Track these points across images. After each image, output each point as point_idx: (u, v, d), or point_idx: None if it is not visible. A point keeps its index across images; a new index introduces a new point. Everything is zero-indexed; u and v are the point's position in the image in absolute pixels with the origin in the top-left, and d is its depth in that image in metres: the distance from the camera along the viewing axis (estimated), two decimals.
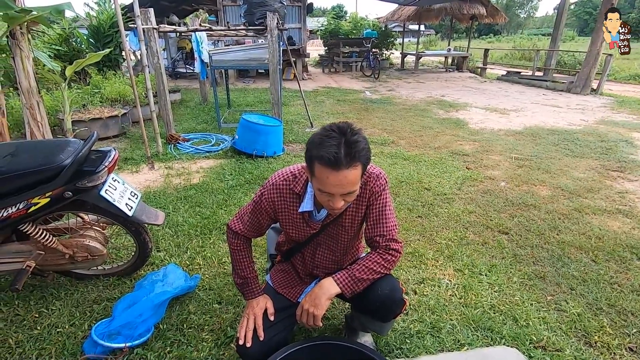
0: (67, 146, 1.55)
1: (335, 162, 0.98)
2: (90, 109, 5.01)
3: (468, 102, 7.61)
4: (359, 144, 1.01)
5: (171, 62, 11.28)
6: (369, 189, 1.22)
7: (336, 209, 1.10)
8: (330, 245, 1.36)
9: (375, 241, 1.24)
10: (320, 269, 1.42)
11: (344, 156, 0.99)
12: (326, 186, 1.04)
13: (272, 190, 1.25)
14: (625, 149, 4.45)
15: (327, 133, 1.03)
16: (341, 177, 1.01)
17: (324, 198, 1.09)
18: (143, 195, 3.06)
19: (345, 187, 1.04)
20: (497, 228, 2.61)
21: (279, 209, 1.27)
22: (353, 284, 1.20)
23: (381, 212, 1.24)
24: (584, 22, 48.95)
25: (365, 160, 1.05)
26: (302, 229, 1.30)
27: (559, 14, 10.55)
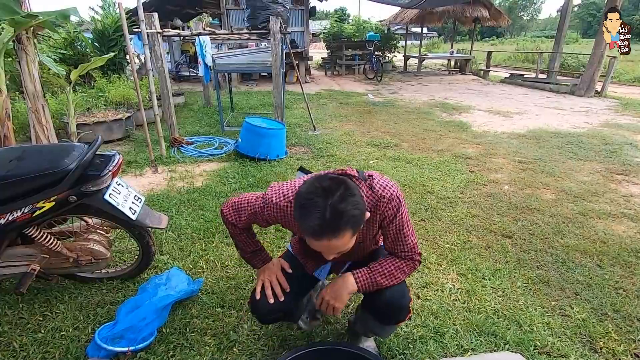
0: (72, 151, 1.56)
1: (319, 235, 0.94)
2: (94, 112, 5.05)
3: (471, 104, 7.60)
4: (346, 213, 0.92)
5: (175, 66, 11.35)
6: (379, 213, 1.15)
7: (329, 260, 1.08)
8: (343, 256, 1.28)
9: (396, 255, 1.23)
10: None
11: (327, 229, 0.92)
12: (315, 247, 1.01)
13: (275, 210, 1.19)
14: (630, 152, 4.42)
15: (310, 197, 0.94)
16: (328, 244, 0.96)
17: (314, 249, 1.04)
18: (147, 198, 3.07)
19: (334, 251, 1.01)
20: (501, 232, 2.60)
21: (283, 223, 1.25)
22: (371, 286, 1.21)
23: (399, 232, 1.18)
24: (587, 24, 48.79)
25: (355, 225, 0.96)
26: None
27: (562, 17, 10.52)
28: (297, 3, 10.31)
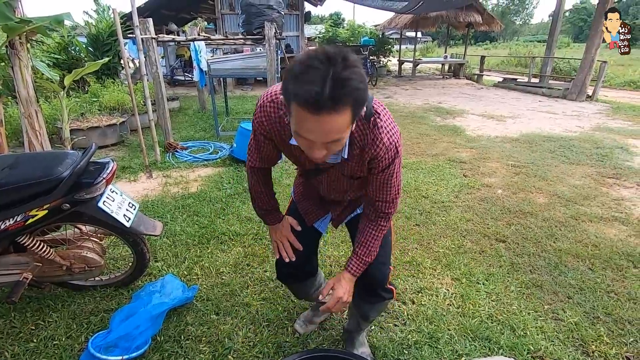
0: (66, 158, 1.56)
1: (315, 104, 0.74)
2: (88, 117, 5.02)
3: (465, 108, 7.67)
4: (350, 82, 0.75)
5: (170, 70, 11.33)
6: (371, 155, 1.03)
7: (315, 159, 0.90)
8: (333, 184, 1.25)
9: (374, 204, 1.19)
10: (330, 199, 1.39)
11: (328, 97, 0.73)
12: (304, 131, 0.82)
13: (261, 115, 1.08)
14: (621, 155, 4.48)
15: (310, 62, 0.75)
16: (322, 123, 0.78)
17: (303, 143, 0.88)
18: (141, 204, 3.06)
19: (328, 135, 0.82)
20: (495, 236, 2.62)
21: (272, 134, 1.11)
22: (363, 268, 1.26)
23: (385, 183, 1.12)
24: (578, 29, 49.53)
25: (356, 103, 0.79)
26: (301, 160, 1.18)
27: (553, 22, 10.67)
28: (292, 8, 10.36)
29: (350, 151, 1.03)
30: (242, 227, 2.70)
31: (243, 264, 2.26)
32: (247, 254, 2.36)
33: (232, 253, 2.37)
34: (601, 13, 8.12)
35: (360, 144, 1.01)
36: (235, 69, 4.77)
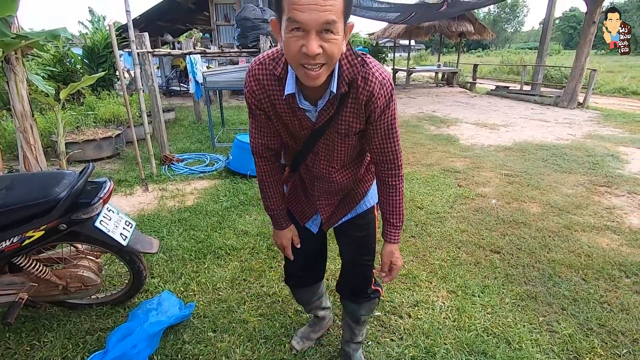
0: (63, 179, 1.57)
1: None
2: (83, 130, 5.02)
3: (459, 117, 7.76)
4: None
5: (165, 81, 11.37)
6: (368, 92, 0.99)
7: (310, 53, 0.83)
8: (327, 155, 1.16)
9: (382, 165, 1.18)
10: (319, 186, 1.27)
11: None
12: (297, 9, 0.79)
13: (250, 81, 1.05)
14: (612, 163, 4.55)
15: None
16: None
17: (296, 44, 0.84)
18: (137, 219, 3.06)
19: (322, 13, 0.79)
20: (489, 247, 2.65)
21: (264, 102, 1.08)
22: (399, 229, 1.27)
23: (390, 130, 1.09)
24: (568, 36, 50.46)
25: None
26: (294, 127, 1.11)
27: (544, 30, 10.87)
28: None
29: (338, 84, 0.97)
30: (239, 240, 2.71)
31: (240, 279, 2.27)
32: (244, 269, 2.36)
33: (229, 268, 2.38)
34: (589, 23, 8.31)
35: (348, 77, 0.98)
36: (231, 81, 4.80)
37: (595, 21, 8.26)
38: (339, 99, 1.01)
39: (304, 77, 0.90)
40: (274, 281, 2.24)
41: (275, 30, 0.92)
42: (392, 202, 1.22)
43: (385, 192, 1.22)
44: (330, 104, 1.02)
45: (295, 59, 0.87)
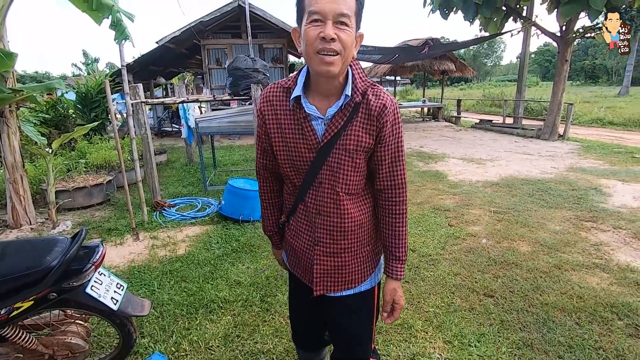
0: (55, 246, 1.56)
1: None
2: (74, 177, 5.02)
3: (446, 152, 7.97)
4: None
5: (157, 121, 11.53)
6: (381, 104, 1.05)
7: (327, 35, 0.93)
8: (332, 179, 1.09)
9: (389, 192, 1.15)
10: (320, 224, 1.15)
11: None
12: (317, 2, 0.92)
13: (261, 101, 1.15)
14: (595, 197, 4.68)
15: None
16: None
17: (314, 32, 0.94)
18: (127, 271, 3.01)
19: (339, 4, 0.92)
20: (483, 291, 2.65)
21: (269, 120, 1.12)
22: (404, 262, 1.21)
23: (398, 152, 1.11)
24: (545, 69, 53.18)
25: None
26: (297, 146, 1.09)
27: (520, 68, 11.49)
28: (277, 62, 10.90)
29: (353, 91, 1.03)
30: (232, 292, 2.67)
31: (233, 335, 2.22)
32: (237, 324, 2.32)
33: (222, 323, 2.33)
34: (562, 62, 8.84)
35: (361, 88, 1.05)
36: (223, 126, 4.92)
37: (568, 59, 8.80)
38: (353, 106, 1.04)
39: (319, 64, 0.96)
40: (268, 337, 2.19)
41: (295, 37, 1.05)
42: (398, 234, 1.17)
43: (390, 223, 1.17)
44: (342, 113, 1.04)
45: (312, 46, 0.95)
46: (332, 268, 1.19)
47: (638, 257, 3.14)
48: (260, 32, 10.58)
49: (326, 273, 1.19)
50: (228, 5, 9.40)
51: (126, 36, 3.50)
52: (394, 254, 1.19)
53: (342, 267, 1.19)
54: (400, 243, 1.18)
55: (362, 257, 1.22)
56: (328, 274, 1.20)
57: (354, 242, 1.18)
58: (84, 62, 38.65)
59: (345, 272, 1.20)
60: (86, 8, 3.55)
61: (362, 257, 1.22)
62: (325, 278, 1.20)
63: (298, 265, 1.28)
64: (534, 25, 9.76)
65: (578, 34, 8.68)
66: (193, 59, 12.73)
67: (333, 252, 1.17)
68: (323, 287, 1.21)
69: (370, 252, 1.24)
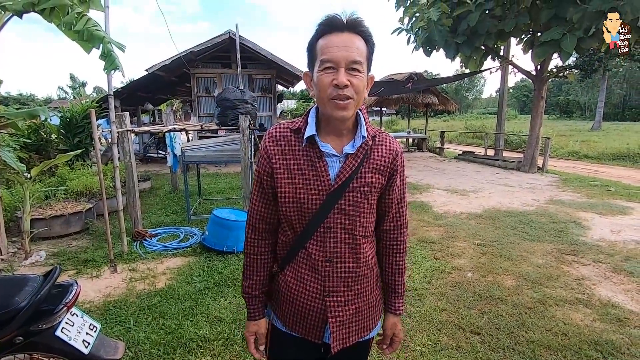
0: (25, 285, 1.49)
1: (336, 22, 0.96)
2: (52, 204, 4.85)
3: (430, 183, 8.11)
4: (363, 22, 0.99)
5: (143, 147, 11.43)
6: (393, 148, 1.10)
7: (340, 83, 0.94)
8: (346, 224, 1.05)
9: (395, 231, 1.17)
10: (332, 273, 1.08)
11: (345, 19, 0.96)
12: (329, 50, 0.95)
13: (266, 141, 1.09)
14: (575, 230, 4.80)
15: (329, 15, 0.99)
16: (345, 38, 0.96)
17: (327, 79, 0.96)
18: (102, 307, 2.87)
19: (350, 50, 0.95)
20: (469, 328, 2.62)
21: (276, 160, 1.06)
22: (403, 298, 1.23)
23: (403, 192, 1.16)
24: (522, 103, 55.82)
25: (368, 37, 0.99)
26: (308, 187, 1.04)
27: (499, 104, 12.03)
28: (265, 92, 11.11)
29: (366, 134, 1.06)
30: (212, 330, 2.56)
31: None
32: None
33: None
34: (538, 99, 9.30)
35: (371, 132, 1.08)
36: (210, 155, 4.90)
37: (543, 96, 9.27)
38: (367, 148, 1.06)
39: (333, 109, 0.98)
40: None
41: (307, 81, 1.07)
42: (400, 270, 1.21)
43: (394, 262, 1.19)
44: (357, 154, 1.05)
45: (325, 93, 0.97)
46: (347, 317, 1.11)
47: (618, 292, 3.19)
48: (250, 63, 10.83)
49: (342, 325, 1.11)
50: (219, 36, 9.64)
51: (116, 66, 3.52)
52: (396, 290, 1.22)
53: (356, 314, 1.13)
54: (402, 279, 1.22)
55: (373, 301, 1.18)
56: (344, 325, 1.11)
57: (366, 286, 1.14)
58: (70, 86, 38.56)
59: (359, 319, 1.14)
60: (76, 37, 3.57)
61: (373, 302, 1.18)
62: (341, 330, 1.11)
63: (301, 322, 1.13)
64: (510, 64, 10.32)
65: (552, 74, 9.21)
66: (182, 86, 12.85)
67: (347, 300, 1.11)
68: (340, 341, 1.11)
69: (378, 296, 1.23)
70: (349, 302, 1.11)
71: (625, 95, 40.25)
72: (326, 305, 1.09)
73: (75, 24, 3.16)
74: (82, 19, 3.19)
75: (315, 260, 1.08)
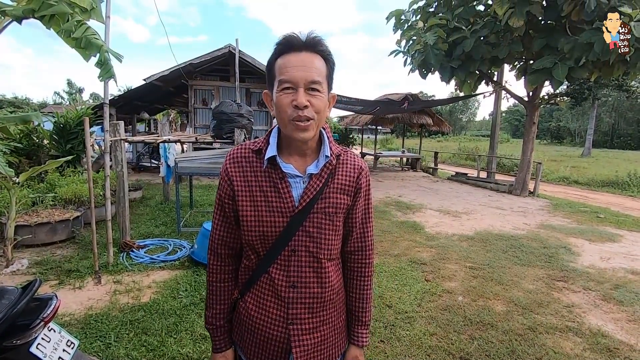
0: (1, 298, 1.42)
1: (293, 42, 0.94)
2: (39, 211, 4.75)
3: (423, 203, 8.13)
4: (322, 42, 0.96)
5: (136, 156, 11.35)
6: (359, 167, 1.09)
7: (299, 104, 0.92)
8: (310, 247, 1.02)
9: (359, 254, 1.15)
10: (296, 299, 1.04)
11: (304, 38, 0.94)
12: (288, 71, 0.92)
13: (226, 163, 1.05)
14: (565, 256, 4.81)
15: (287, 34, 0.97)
16: (303, 57, 0.93)
17: (286, 99, 0.93)
18: (82, 321, 2.77)
19: (309, 70, 0.93)
20: (459, 354, 2.58)
21: (237, 183, 1.02)
22: (369, 328, 1.19)
23: (368, 210, 1.13)
24: (515, 127, 56.91)
25: (328, 55, 0.97)
26: (271, 209, 1.00)
27: (493, 127, 12.23)
28: (262, 106, 11.19)
29: (330, 154, 1.03)
30: (196, 348, 2.48)
31: None
32: None
33: None
34: (530, 124, 9.48)
35: (336, 151, 1.06)
36: (203, 167, 4.87)
37: (535, 122, 9.45)
38: (331, 168, 1.03)
39: (294, 130, 0.96)
40: None
41: (267, 100, 1.05)
42: (365, 297, 1.15)
43: (359, 286, 1.15)
44: (320, 175, 1.02)
45: (285, 115, 0.95)
46: (312, 346, 1.06)
47: (608, 320, 3.18)
48: (248, 77, 10.94)
49: (307, 354, 1.06)
50: (219, 50, 9.76)
51: (111, 75, 3.51)
52: (360, 319, 1.16)
53: (322, 342, 1.09)
54: (367, 307, 1.16)
55: (339, 328, 1.14)
56: (308, 355, 1.06)
57: (332, 312, 1.11)
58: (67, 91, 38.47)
59: (325, 347, 1.10)
60: (75, 45, 3.58)
61: (339, 328, 1.14)
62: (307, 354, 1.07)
63: (262, 352, 1.08)
64: (504, 89, 10.56)
65: (543, 100, 9.43)
66: (179, 97, 12.90)
67: (312, 327, 1.06)
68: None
69: (345, 322, 1.18)
70: (314, 330, 1.07)
71: (614, 124, 41.30)
72: (290, 333, 1.04)
73: (74, 31, 3.17)
74: (81, 27, 3.20)
75: (279, 286, 1.03)
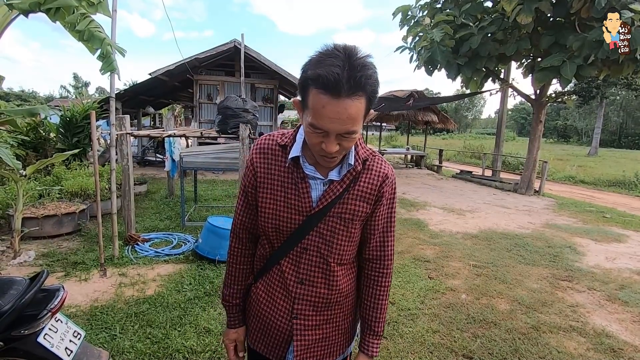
0: (10, 288, 1.45)
1: (335, 86, 0.78)
2: (45, 204, 4.80)
3: (427, 200, 8.11)
4: (367, 69, 0.81)
5: (141, 150, 11.40)
6: (384, 173, 1.03)
7: (329, 153, 0.88)
8: (325, 248, 1.03)
9: (377, 263, 1.10)
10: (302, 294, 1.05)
11: (347, 80, 0.79)
12: (321, 119, 0.83)
13: (253, 152, 1.05)
14: (570, 255, 4.78)
15: (329, 52, 0.82)
16: (340, 108, 0.81)
17: (316, 139, 0.88)
18: (88, 312, 2.81)
19: (344, 123, 0.83)
20: (462, 351, 2.58)
21: (260, 174, 1.02)
22: (380, 338, 1.14)
23: (390, 220, 1.09)
24: (521, 125, 56.54)
25: (372, 93, 0.84)
26: (288, 207, 1.01)
27: (498, 125, 12.15)
28: (267, 101, 11.18)
29: (356, 159, 1.00)
30: (200, 342, 2.50)
31: None
32: None
33: None
34: (537, 122, 9.39)
35: (363, 156, 1.01)
36: (208, 162, 4.89)
37: (542, 120, 9.37)
38: (354, 174, 1.00)
39: (320, 159, 0.95)
40: None
41: (297, 107, 0.95)
42: (381, 307, 1.12)
43: (374, 295, 1.11)
44: (342, 181, 0.99)
45: (313, 147, 0.92)
46: (312, 342, 1.08)
47: (613, 321, 3.16)
48: (253, 72, 10.92)
49: (307, 348, 1.08)
50: (224, 45, 9.74)
51: (113, 68, 3.51)
52: (372, 328, 1.12)
53: (322, 339, 1.10)
54: (381, 317, 1.13)
55: (343, 328, 1.14)
56: (308, 349, 1.08)
57: (337, 312, 1.11)
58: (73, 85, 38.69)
59: (326, 344, 1.11)
60: (79, 38, 3.59)
61: (343, 329, 1.14)
62: (305, 354, 1.08)
63: (264, 339, 1.12)
64: (510, 87, 10.46)
65: (551, 99, 9.33)
66: (184, 91, 12.92)
67: (315, 325, 1.08)
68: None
69: (351, 323, 1.18)
70: (316, 327, 1.08)
71: (622, 123, 40.84)
72: (293, 327, 1.07)
73: (78, 23, 3.18)
74: (84, 20, 3.20)
75: (288, 280, 1.05)
